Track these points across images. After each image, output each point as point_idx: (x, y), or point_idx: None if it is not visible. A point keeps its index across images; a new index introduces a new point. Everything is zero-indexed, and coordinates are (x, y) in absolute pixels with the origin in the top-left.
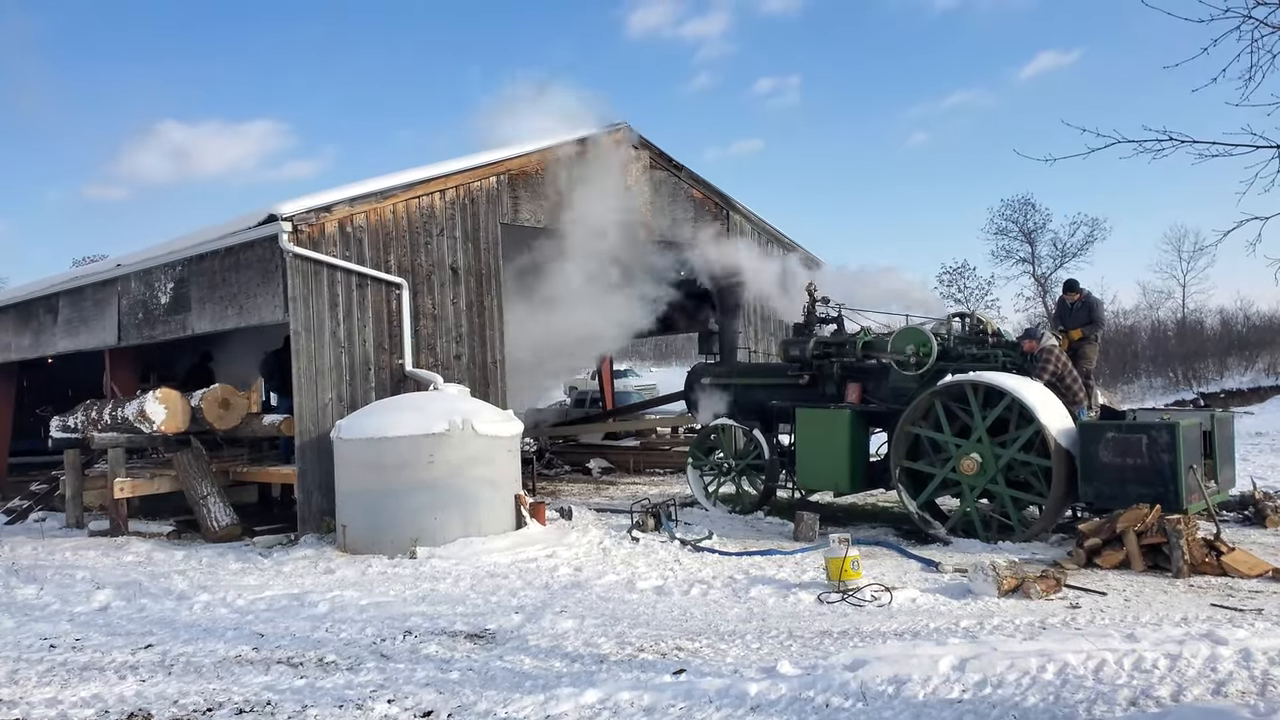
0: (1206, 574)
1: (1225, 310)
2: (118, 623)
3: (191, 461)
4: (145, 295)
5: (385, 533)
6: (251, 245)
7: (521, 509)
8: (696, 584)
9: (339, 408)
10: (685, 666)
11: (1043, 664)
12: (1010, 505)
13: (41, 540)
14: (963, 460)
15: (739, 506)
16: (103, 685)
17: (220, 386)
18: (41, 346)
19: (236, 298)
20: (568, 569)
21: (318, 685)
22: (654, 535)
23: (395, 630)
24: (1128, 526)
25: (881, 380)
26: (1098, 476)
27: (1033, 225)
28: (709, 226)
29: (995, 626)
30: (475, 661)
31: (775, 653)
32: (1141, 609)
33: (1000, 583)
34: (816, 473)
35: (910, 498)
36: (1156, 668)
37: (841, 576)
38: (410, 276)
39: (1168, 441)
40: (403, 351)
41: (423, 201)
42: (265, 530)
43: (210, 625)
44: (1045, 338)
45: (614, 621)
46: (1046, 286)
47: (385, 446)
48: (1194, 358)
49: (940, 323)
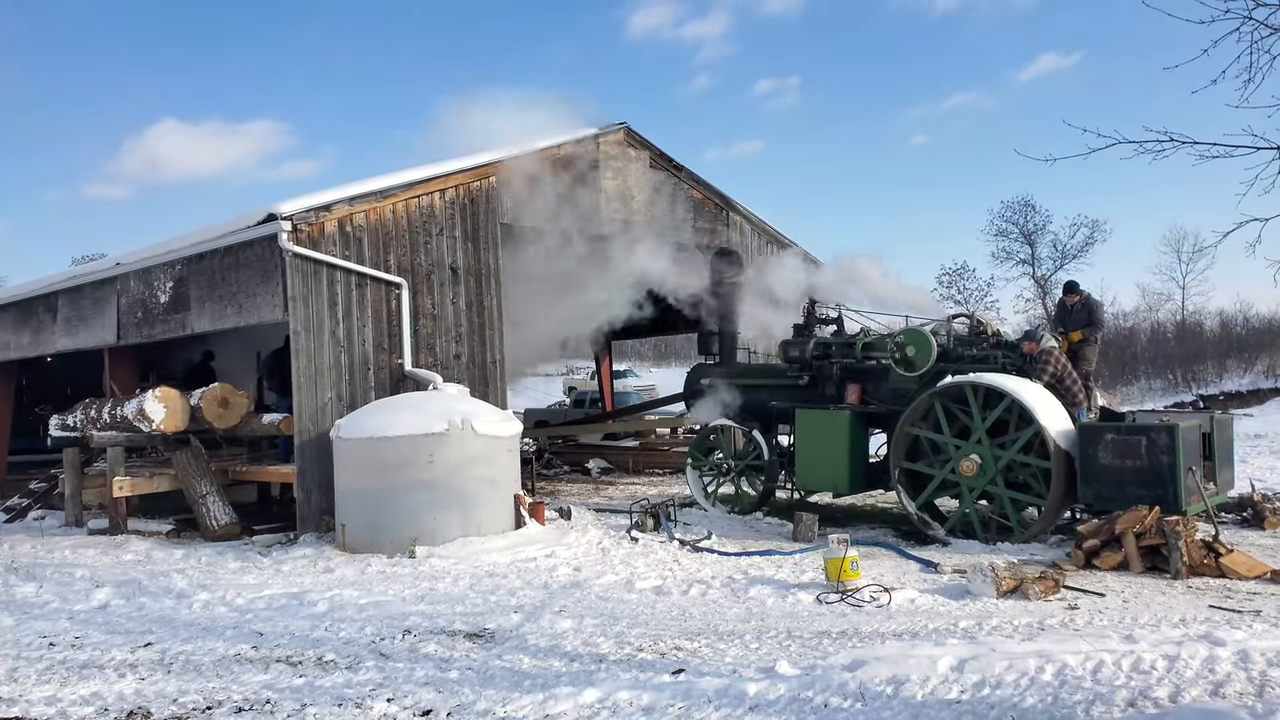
0: (1205, 575)
1: (1225, 312)
2: (117, 621)
3: (191, 460)
4: (144, 294)
5: (384, 532)
6: (251, 244)
7: (521, 509)
8: (695, 584)
9: (338, 407)
10: (684, 666)
11: (1041, 665)
12: (1009, 506)
13: (41, 538)
14: (962, 461)
15: (738, 507)
16: (102, 683)
17: (220, 385)
18: (41, 345)
19: (236, 297)
20: (567, 569)
21: (317, 684)
22: (653, 535)
23: (394, 629)
24: (1126, 528)
25: (881, 381)
26: (1097, 478)
27: (1033, 227)
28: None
29: (994, 627)
30: (474, 661)
31: (774, 653)
32: (1140, 610)
33: (999, 584)
34: (816, 473)
35: (909, 499)
36: (1155, 669)
37: (840, 577)
38: (410, 276)
39: (1167, 443)
40: (402, 351)
41: (422, 201)
42: (264, 529)
43: (209, 624)
44: (1045, 339)
45: (613, 621)
46: (1046, 288)
47: (385, 446)
48: (1193, 360)
49: (940, 324)
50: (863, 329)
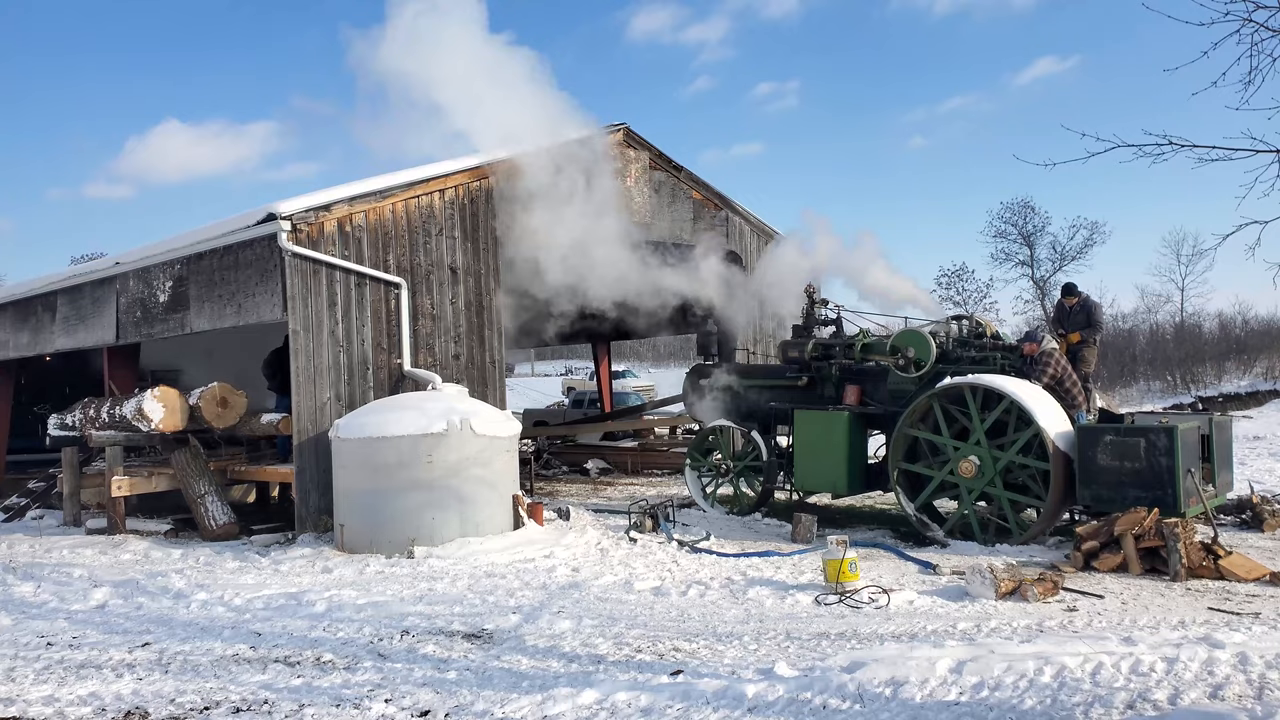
0: (1204, 578)
1: (1224, 314)
2: (115, 621)
3: (189, 460)
4: (144, 293)
5: (383, 532)
6: (250, 244)
7: (519, 509)
8: (694, 585)
9: (337, 407)
10: (683, 667)
11: (1040, 667)
12: (1008, 508)
13: (39, 538)
14: (961, 463)
15: (737, 508)
16: (100, 683)
17: (218, 385)
18: (40, 344)
19: (235, 296)
20: (565, 569)
21: (315, 684)
22: (652, 536)
23: (392, 630)
24: (1125, 530)
25: (880, 382)
26: (1096, 479)
27: (1032, 228)
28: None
29: (993, 629)
30: (472, 661)
31: (773, 654)
32: (1139, 612)
33: (998, 585)
34: (814, 474)
35: (908, 500)
36: (1154, 671)
37: (839, 578)
38: (409, 276)
39: (1166, 445)
40: (401, 351)
41: (422, 201)
42: (263, 529)
43: (207, 624)
44: (1045, 341)
45: (611, 622)
46: (1045, 290)
47: (383, 446)
48: (1192, 361)
49: (939, 325)
50: (861, 330)
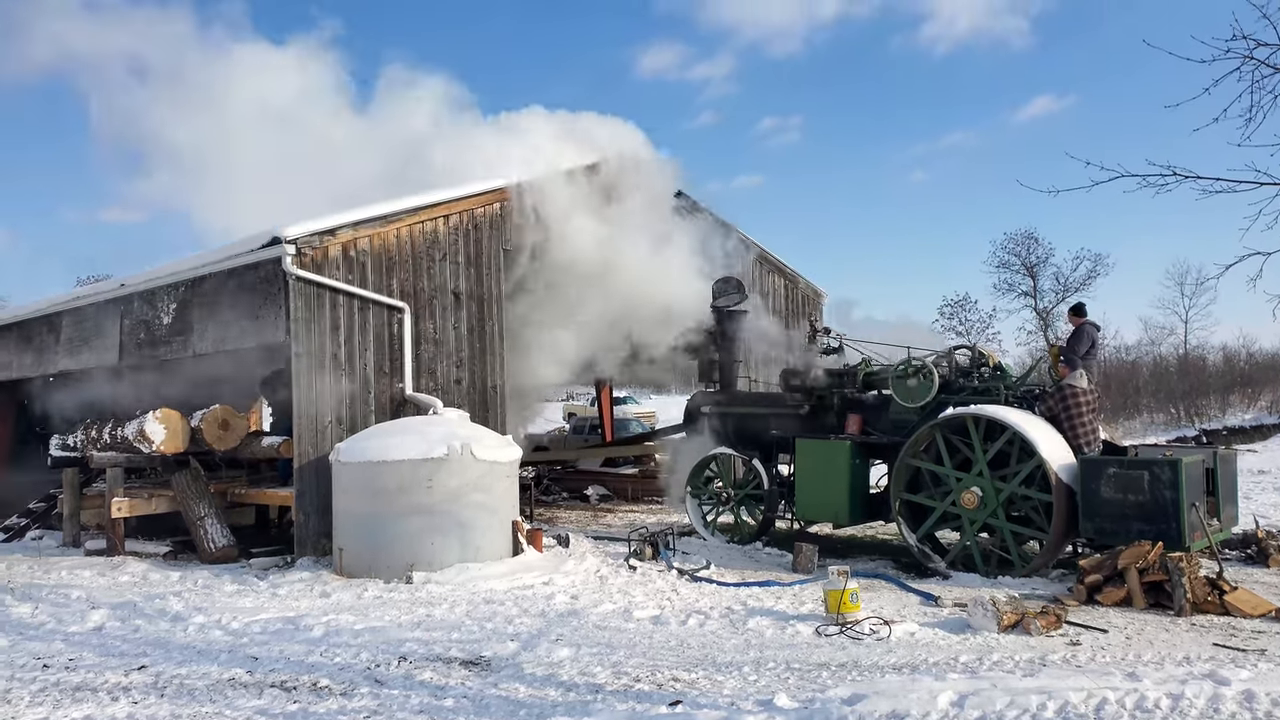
0: (1209, 613)
1: (1228, 347)
2: (112, 643)
3: (189, 482)
4: (148, 315)
5: (382, 557)
6: (255, 267)
7: (519, 535)
8: (694, 614)
9: (338, 430)
10: (682, 698)
11: (1043, 701)
12: (1010, 540)
13: (38, 559)
14: (963, 494)
15: (737, 536)
16: (95, 706)
17: (220, 407)
18: (43, 365)
19: (239, 319)
20: (564, 597)
21: (311, 710)
22: (651, 564)
23: (390, 656)
24: (1129, 563)
25: (882, 412)
26: (1099, 512)
27: (1035, 259)
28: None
29: (995, 662)
30: (470, 689)
31: (773, 685)
32: (1143, 647)
33: (1000, 618)
34: (816, 504)
35: (910, 530)
36: (1158, 707)
37: (840, 609)
38: (412, 300)
39: (1170, 478)
40: (403, 375)
41: (426, 226)
42: (262, 552)
43: (204, 647)
44: (1080, 376)
45: (610, 651)
46: (1048, 320)
47: (384, 470)
48: (1196, 394)
49: (941, 355)
50: (864, 359)
